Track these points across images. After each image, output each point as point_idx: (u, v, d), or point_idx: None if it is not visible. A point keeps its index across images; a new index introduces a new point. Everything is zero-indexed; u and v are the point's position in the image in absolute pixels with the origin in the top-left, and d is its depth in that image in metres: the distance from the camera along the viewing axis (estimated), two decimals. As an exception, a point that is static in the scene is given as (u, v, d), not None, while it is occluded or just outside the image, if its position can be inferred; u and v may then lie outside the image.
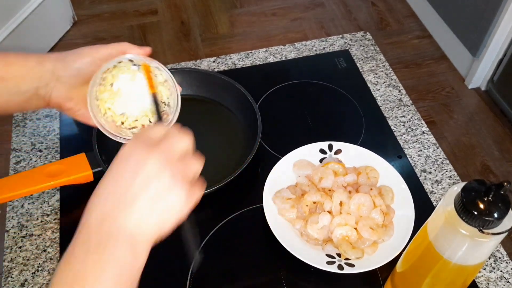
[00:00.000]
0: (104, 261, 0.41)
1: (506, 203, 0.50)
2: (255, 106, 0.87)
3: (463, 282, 0.60)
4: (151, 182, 0.44)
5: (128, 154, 0.46)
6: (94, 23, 2.37)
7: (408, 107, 0.96)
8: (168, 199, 0.44)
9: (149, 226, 0.44)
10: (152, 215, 0.44)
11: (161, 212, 0.44)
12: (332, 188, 0.78)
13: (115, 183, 0.44)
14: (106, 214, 0.43)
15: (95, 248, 0.42)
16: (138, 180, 0.43)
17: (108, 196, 0.44)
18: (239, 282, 0.73)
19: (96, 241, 0.42)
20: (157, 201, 0.44)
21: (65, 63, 0.59)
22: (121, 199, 0.43)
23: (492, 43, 1.93)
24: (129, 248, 0.42)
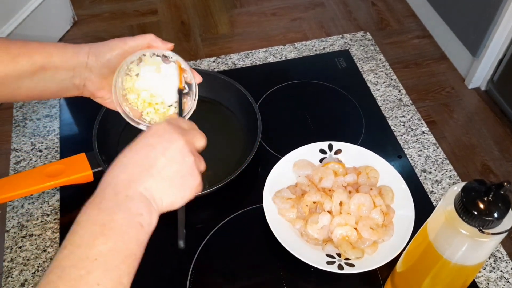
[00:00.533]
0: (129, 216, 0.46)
1: (506, 203, 0.50)
2: (255, 106, 0.87)
3: (463, 282, 0.60)
4: (177, 161, 0.51)
5: (162, 131, 0.52)
6: (94, 23, 2.37)
7: (408, 107, 0.96)
8: (187, 179, 0.51)
9: (164, 198, 0.50)
10: (169, 190, 0.50)
11: (178, 188, 0.51)
12: (332, 188, 0.78)
13: (145, 153, 0.50)
14: (134, 177, 0.49)
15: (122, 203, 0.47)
16: (168, 155, 0.50)
17: (138, 161, 0.50)
18: (239, 282, 0.73)
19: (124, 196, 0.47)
20: (177, 180, 0.51)
21: (97, 55, 0.63)
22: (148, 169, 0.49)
23: (492, 43, 1.93)
24: (147, 211, 0.48)
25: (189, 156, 0.52)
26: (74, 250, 0.43)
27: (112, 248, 0.44)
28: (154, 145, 0.50)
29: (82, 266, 0.42)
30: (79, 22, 2.35)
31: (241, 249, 0.76)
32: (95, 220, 0.45)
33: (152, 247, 0.75)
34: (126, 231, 0.46)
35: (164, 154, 0.50)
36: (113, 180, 0.48)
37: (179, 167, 0.51)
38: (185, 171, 0.51)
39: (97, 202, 0.47)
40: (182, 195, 0.51)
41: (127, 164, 0.50)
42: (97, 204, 0.47)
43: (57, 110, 0.94)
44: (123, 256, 0.45)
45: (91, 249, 0.43)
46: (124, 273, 0.44)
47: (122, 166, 0.50)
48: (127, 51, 0.64)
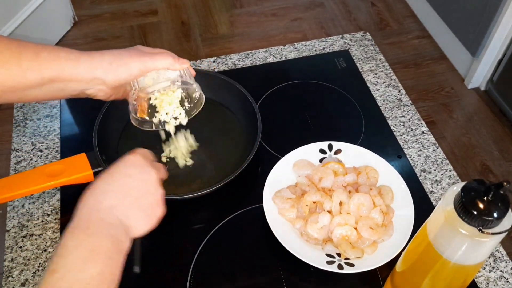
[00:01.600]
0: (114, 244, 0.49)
1: (505, 203, 0.50)
2: (255, 106, 0.87)
3: (462, 282, 0.60)
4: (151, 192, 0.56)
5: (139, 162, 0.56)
6: (95, 23, 2.37)
7: (407, 107, 0.96)
8: (155, 210, 0.56)
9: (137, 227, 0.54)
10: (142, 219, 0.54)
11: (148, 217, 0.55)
12: (332, 188, 0.78)
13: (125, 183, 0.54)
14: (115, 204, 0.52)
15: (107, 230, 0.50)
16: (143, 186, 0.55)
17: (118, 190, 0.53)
18: (239, 282, 0.73)
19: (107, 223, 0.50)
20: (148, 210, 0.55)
21: (115, 74, 0.63)
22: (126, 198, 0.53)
23: (491, 43, 1.93)
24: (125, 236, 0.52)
25: (159, 188, 0.57)
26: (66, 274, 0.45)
27: (101, 272, 0.47)
28: (131, 176, 0.55)
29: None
30: (80, 22, 2.35)
31: (241, 249, 0.76)
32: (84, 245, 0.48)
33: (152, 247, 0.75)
34: (111, 256, 0.49)
35: (140, 185, 0.55)
36: (95, 206, 0.51)
37: (151, 199, 0.56)
38: (155, 202, 0.56)
39: (84, 228, 0.49)
40: (149, 224, 0.55)
41: (108, 191, 0.53)
42: (84, 230, 0.49)
43: (57, 110, 0.94)
44: (110, 280, 0.48)
45: (82, 273, 0.46)
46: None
47: (104, 193, 0.53)
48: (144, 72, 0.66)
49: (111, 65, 0.63)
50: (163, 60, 0.65)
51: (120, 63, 0.63)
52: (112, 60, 0.63)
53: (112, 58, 0.63)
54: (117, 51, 0.65)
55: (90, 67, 0.62)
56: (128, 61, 0.64)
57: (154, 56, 0.65)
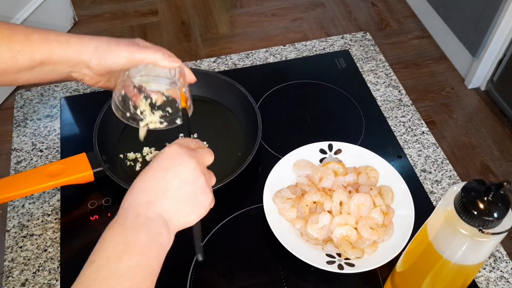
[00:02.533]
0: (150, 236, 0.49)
1: (505, 203, 0.50)
2: (255, 106, 0.87)
3: (463, 282, 0.60)
4: (190, 182, 0.54)
5: (175, 153, 0.55)
6: (95, 23, 2.37)
7: (408, 107, 0.96)
8: (200, 198, 0.55)
9: (180, 218, 0.53)
10: (184, 210, 0.53)
11: (192, 208, 0.54)
12: (332, 188, 0.78)
13: (161, 176, 0.53)
14: (152, 199, 0.52)
15: (144, 223, 0.50)
16: (181, 177, 0.53)
17: (154, 185, 0.52)
18: (239, 282, 0.73)
19: (145, 218, 0.50)
20: (191, 200, 0.54)
21: (101, 59, 0.63)
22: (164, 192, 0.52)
23: (492, 43, 1.93)
24: (166, 231, 0.51)
25: (200, 176, 0.54)
26: (103, 264, 0.46)
27: (137, 265, 0.47)
28: (168, 168, 0.53)
29: (112, 280, 0.45)
30: (80, 22, 2.35)
31: (241, 249, 0.76)
32: (120, 239, 0.48)
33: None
34: (149, 249, 0.49)
35: (177, 176, 0.53)
36: (133, 203, 0.51)
37: (192, 188, 0.54)
38: (198, 191, 0.54)
39: (121, 223, 0.50)
40: (196, 214, 0.55)
41: (145, 188, 0.52)
42: (121, 225, 0.50)
43: (57, 110, 0.94)
44: (147, 272, 0.48)
45: (118, 264, 0.46)
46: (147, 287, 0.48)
47: (141, 190, 0.52)
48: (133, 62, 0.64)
49: (97, 49, 0.62)
50: (152, 54, 0.64)
51: (107, 49, 0.63)
52: (99, 44, 0.63)
53: (99, 43, 0.63)
54: (108, 38, 0.64)
55: (78, 50, 0.62)
56: (114, 49, 0.63)
57: (144, 49, 0.64)
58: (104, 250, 0.48)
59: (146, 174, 0.54)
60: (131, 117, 0.71)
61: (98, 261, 0.47)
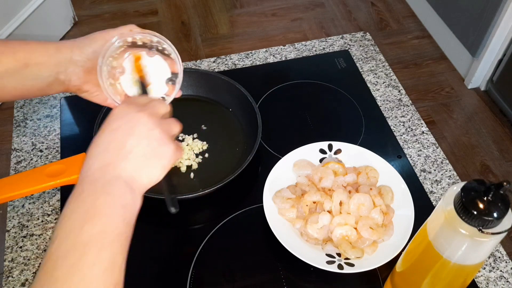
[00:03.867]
0: (111, 199, 0.47)
1: (505, 202, 0.50)
2: (255, 106, 0.87)
3: (462, 282, 0.60)
4: (144, 136, 0.51)
5: (122, 113, 0.52)
6: (95, 23, 2.37)
7: (407, 107, 0.96)
8: (159, 151, 0.51)
9: (142, 175, 0.50)
10: (145, 166, 0.51)
11: (153, 162, 0.51)
12: (332, 188, 0.78)
13: (113, 138, 0.51)
14: (107, 162, 0.49)
15: (102, 188, 0.48)
16: (133, 133, 0.51)
17: (107, 148, 0.50)
18: (239, 282, 0.73)
19: (102, 182, 0.48)
20: (150, 154, 0.51)
21: (81, 48, 0.63)
22: (119, 152, 0.50)
23: (491, 43, 1.93)
24: (128, 191, 0.49)
25: (154, 127, 0.52)
26: (65, 238, 0.44)
27: (101, 231, 0.45)
28: (118, 128, 0.51)
29: (76, 251, 0.43)
30: (80, 22, 2.35)
31: (241, 249, 0.76)
32: (80, 208, 0.46)
33: (152, 247, 0.76)
34: (111, 213, 0.47)
35: (129, 133, 0.51)
36: (88, 171, 0.49)
37: (147, 142, 0.51)
38: (155, 144, 0.51)
39: (78, 195, 0.48)
40: (159, 167, 0.52)
41: (98, 153, 0.51)
42: (77, 196, 0.48)
43: (57, 110, 0.94)
44: (114, 235, 0.46)
45: (81, 235, 0.44)
46: (117, 252, 0.45)
47: (94, 156, 0.51)
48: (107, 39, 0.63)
49: (75, 41, 0.63)
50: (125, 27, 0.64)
51: (85, 37, 0.63)
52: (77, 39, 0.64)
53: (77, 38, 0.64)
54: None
55: (57, 47, 0.62)
56: (91, 35, 0.64)
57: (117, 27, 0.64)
58: (64, 225, 0.46)
59: (98, 138, 0.52)
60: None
61: (60, 235, 0.45)
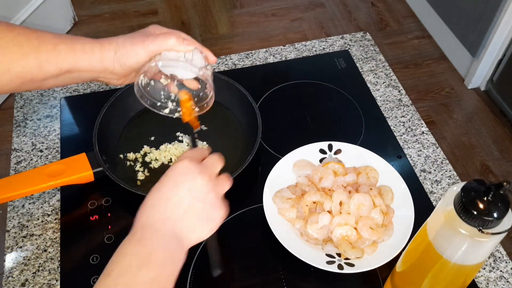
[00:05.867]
0: (167, 253, 0.51)
1: (505, 203, 0.50)
2: (255, 106, 0.87)
3: (462, 282, 0.60)
4: (201, 199, 0.54)
5: (187, 169, 0.55)
6: (95, 23, 2.37)
7: (407, 107, 0.96)
8: (211, 214, 0.55)
9: (192, 235, 0.54)
10: (197, 226, 0.54)
11: (203, 223, 0.55)
12: (332, 188, 0.78)
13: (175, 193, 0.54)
14: (167, 216, 0.53)
15: (161, 239, 0.51)
16: (192, 194, 0.54)
17: (168, 203, 0.53)
18: (239, 282, 0.73)
19: (162, 234, 0.51)
20: (203, 216, 0.54)
21: (122, 64, 0.64)
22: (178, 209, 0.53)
23: (491, 43, 1.93)
24: (180, 247, 0.52)
25: (211, 192, 0.55)
26: (119, 278, 0.47)
27: (154, 279, 0.48)
28: (179, 185, 0.54)
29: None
30: (80, 22, 2.35)
31: (241, 249, 0.76)
32: (137, 253, 0.49)
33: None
34: (165, 265, 0.50)
35: (189, 193, 0.54)
36: (149, 219, 0.52)
37: (203, 205, 0.54)
38: (208, 207, 0.55)
39: (138, 238, 0.51)
40: (207, 229, 0.55)
41: (159, 205, 0.53)
42: (138, 240, 0.50)
43: (57, 111, 0.94)
44: (163, 285, 0.49)
45: (136, 278, 0.47)
46: None
47: (155, 207, 0.53)
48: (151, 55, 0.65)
49: (116, 54, 0.64)
50: (165, 41, 0.65)
51: (124, 51, 0.64)
52: (117, 49, 0.64)
53: (117, 47, 0.64)
54: (124, 37, 0.65)
55: (101, 58, 0.63)
56: (130, 49, 0.64)
57: (156, 38, 0.65)
58: (122, 262, 0.48)
59: (159, 190, 0.54)
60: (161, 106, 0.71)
61: (116, 270, 0.47)
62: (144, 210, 0.53)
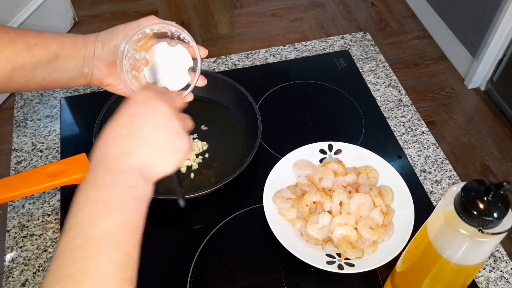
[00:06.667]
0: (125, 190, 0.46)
1: (505, 203, 0.50)
2: (255, 106, 0.87)
3: (462, 282, 0.60)
4: (162, 127, 0.50)
5: (143, 99, 0.51)
6: (95, 23, 2.37)
7: (407, 107, 0.96)
8: (174, 143, 0.51)
9: (156, 166, 0.50)
10: (160, 156, 0.50)
11: (167, 154, 0.51)
12: (332, 188, 0.78)
13: (130, 124, 0.50)
14: (123, 150, 0.48)
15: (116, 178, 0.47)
16: (152, 122, 0.50)
17: (124, 134, 0.49)
18: (239, 282, 0.73)
19: (117, 171, 0.47)
20: (166, 145, 0.50)
21: (103, 42, 0.64)
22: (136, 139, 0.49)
23: (491, 43, 1.93)
24: (142, 181, 0.48)
25: (173, 120, 0.51)
26: (78, 231, 0.43)
27: (115, 225, 0.44)
28: (137, 115, 0.50)
29: (89, 246, 0.42)
30: (80, 22, 2.35)
31: (241, 249, 0.76)
32: (93, 199, 0.45)
33: (152, 247, 0.75)
34: (125, 205, 0.46)
35: (148, 122, 0.50)
36: (103, 156, 0.48)
37: (165, 133, 0.51)
38: (171, 136, 0.51)
39: (92, 181, 0.47)
40: (172, 160, 0.51)
41: (114, 138, 0.49)
42: (92, 183, 0.46)
43: (57, 111, 0.94)
44: (128, 229, 0.45)
45: (95, 228, 0.43)
46: (131, 245, 0.45)
47: (110, 141, 0.49)
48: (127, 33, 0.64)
49: (99, 35, 0.65)
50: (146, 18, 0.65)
51: (107, 31, 0.65)
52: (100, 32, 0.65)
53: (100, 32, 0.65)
54: None
55: (84, 41, 0.64)
56: (113, 28, 0.65)
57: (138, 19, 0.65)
58: (77, 215, 0.44)
59: (115, 122, 0.50)
60: None
61: (73, 227, 0.44)
62: (99, 147, 0.49)
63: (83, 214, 0.44)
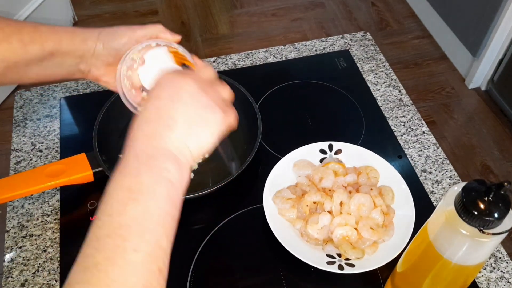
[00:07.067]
0: (155, 175, 0.44)
1: (506, 203, 0.49)
2: (255, 106, 0.87)
3: (463, 282, 0.60)
4: (189, 103, 0.48)
5: (166, 80, 0.50)
6: (95, 23, 2.37)
7: (408, 107, 0.96)
8: (206, 117, 0.48)
9: (190, 145, 0.47)
10: (192, 134, 0.47)
11: (201, 129, 0.48)
12: (332, 188, 0.78)
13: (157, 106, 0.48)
14: (151, 133, 0.46)
15: (145, 163, 0.44)
16: (177, 100, 0.48)
17: (151, 117, 0.47)
18: (239, 282, 0.73)
19: (146, 156, 0.45)
20: (196, 121, 0.48)
21: (105, 43, 0.63)
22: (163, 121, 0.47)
23: (492, 43, 1.93)
24: (174, 164, 0.45)
25: (200, 94, 0.49)
26: (106, 220, 0.42)
27: (144, 211, 0.42)
28: (161, 97, 0.48)
29: (117, 235, 0.41)
30: (80, 22, 2.35)
31: (241, 249, 0.76)
32: (121, 186, 0.44)
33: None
34: (154, 190, 0.43)
35: (174, 100, 0.48)
36: (133, 143, 0.46)
37: (193, 109, 0.48)
38: (201, 111, 0.48)
39: (121, 170, 0.45)
40: (206, 135, 0.49)
41: (142, 123, 0.47)
42: (121, 171, 0.45)
43: (57, 110, 0.94)
44: (157, 217, 0.43)
45: (122, 216, 0.42)
46: (161, 235, 0.43)
47: (138, 126, 0.47)
48: (135, 39, 0.63)
49: (101, 34, 0.63)
50: (153, 27, 0.64)
51: (110, 31, 0.63)
52: (102, 30, 0.63)
53: (102, 29, 0.63)
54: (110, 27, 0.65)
55: (84, 38, 0.62)
56: (117, 29, 0.63)
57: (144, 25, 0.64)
58: (106, 203, 0.43)
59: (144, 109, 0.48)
60: None
61: (102, 216, 0.42)
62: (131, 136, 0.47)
63: (111, 202, 0.43)
